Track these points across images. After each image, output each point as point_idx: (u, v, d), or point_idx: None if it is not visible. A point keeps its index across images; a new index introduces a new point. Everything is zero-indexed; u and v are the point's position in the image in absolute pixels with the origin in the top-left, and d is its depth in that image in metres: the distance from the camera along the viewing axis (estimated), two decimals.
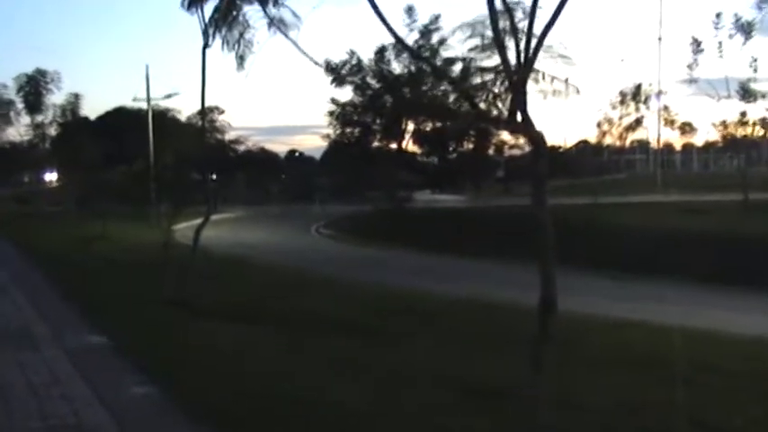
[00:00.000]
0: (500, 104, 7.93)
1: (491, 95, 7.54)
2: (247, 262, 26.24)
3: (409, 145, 50.58)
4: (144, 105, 52.05)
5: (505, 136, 57.63)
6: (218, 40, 15.69)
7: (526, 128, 7.24)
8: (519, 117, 7.14)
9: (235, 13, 10.39)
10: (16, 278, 16.13)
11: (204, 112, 18.74)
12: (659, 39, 68.56)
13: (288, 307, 14.97)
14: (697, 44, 39.42)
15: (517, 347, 13.00)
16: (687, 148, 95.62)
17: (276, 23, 8.88)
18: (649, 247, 29.59)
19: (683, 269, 25.30)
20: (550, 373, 7.24)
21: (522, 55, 7.09)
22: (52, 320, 11.09)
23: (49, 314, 11.70)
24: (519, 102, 7.03)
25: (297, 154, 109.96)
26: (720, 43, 36.98)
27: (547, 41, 7.40)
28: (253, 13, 10.42)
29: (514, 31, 7.25)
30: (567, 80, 28.75)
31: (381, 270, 26.60)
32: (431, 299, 19.25)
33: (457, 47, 37.58)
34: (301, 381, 7.99)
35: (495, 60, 7.44)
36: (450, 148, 50.60)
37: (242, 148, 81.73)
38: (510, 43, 7.43)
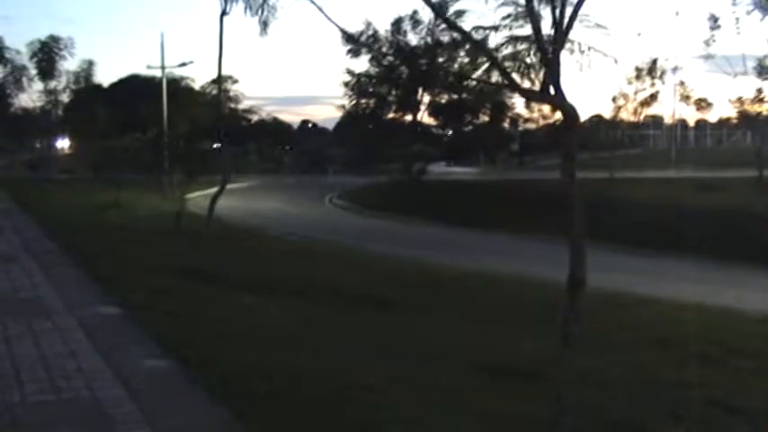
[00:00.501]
0: (533, 76, 7.66)
1: (524, 66, 7.27)
2: (262, 232, 26.09)
3: (424, 117, 50.20)
4: (158, 73, 51.87)
5: (521, 109, 57.38)
6: (236, 7, 15.43)
7: (560, 101, 6.96)
8: (552, 90, 6.87)
9: None
10: (29, 247, 15.95)
11: (221, 80, 18.48)
12: (676, 13, 67.66)
13: (305, 278, 14.79)
14: (714, 20, 38.77)
15: (537, 324, 12.83)
16: (701, 123, 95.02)
17: None
18: (667, 223, 29.42)
19: (699, 246, 25.11)
20: (576, 352, 7.04)
21: (558, 23, 6.79)
22: (66, 291, 10.88)
23: (63, 284, 11.50)
24: (553, 73, 6.75)
25: (309, 124, 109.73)
26: (738, 19, 36.34)
27: (582, 10, 7.08)
28: None
29: None
30: (588, 49, 27.71)
31: (397, 242, 26.46)
32: (449, 272, 19.11)
33: (489, 15, 36.70)
34: (316, 356, 7.79)
35: (529, 30, 7.19)
36: (467, 120, 50.11)
37: (255, 117, 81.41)
38: (546, 11, 7.13)
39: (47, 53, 51.17)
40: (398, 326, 11.48)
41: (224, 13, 15.13)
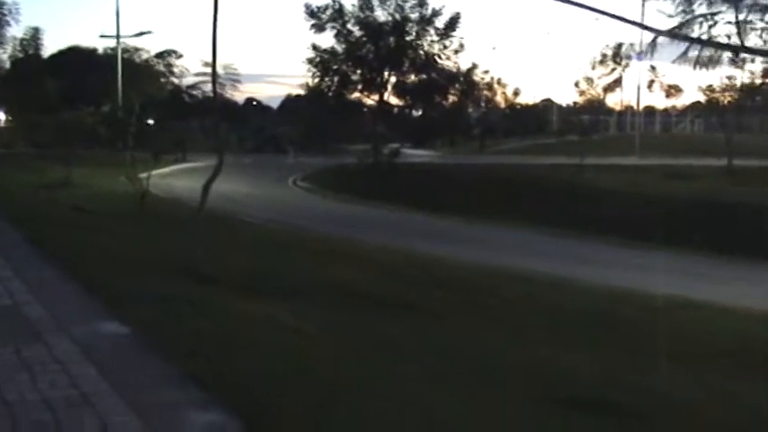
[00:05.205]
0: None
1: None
2: (236, 218, 23.94)
3: (390, 98, 48.14)
4: (109, 43, 49.21)
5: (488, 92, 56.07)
6: None
7: None
8: None
9: None
10: None
11: (215, 52, 15.80)
12: None
13: (315, 276, 12.86)
14: (689, 2, 37.85)
15: (589, 334, 11.03)
16: (648, 110, 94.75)
17: None
18: (645, 214, 28.58)
19: (686, 238, 24.07)
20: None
21: None
22: (47, 298, 8.63)
23: (33, 281, 9.22)
24: None
25: (255, 103, 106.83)
26: (711, 3, 35.52)
27: None
28: None
29: None
30: None
31: (385, 230, 24.64)
32: (453, 267, 17.34)
33: None
34: (360, 382, 5.88)
35: None
36: (435, 101, 48.16)
37: (199, 94, 78.17)
38: None
39: None
40: (435, 338, 9.47)
41: None
